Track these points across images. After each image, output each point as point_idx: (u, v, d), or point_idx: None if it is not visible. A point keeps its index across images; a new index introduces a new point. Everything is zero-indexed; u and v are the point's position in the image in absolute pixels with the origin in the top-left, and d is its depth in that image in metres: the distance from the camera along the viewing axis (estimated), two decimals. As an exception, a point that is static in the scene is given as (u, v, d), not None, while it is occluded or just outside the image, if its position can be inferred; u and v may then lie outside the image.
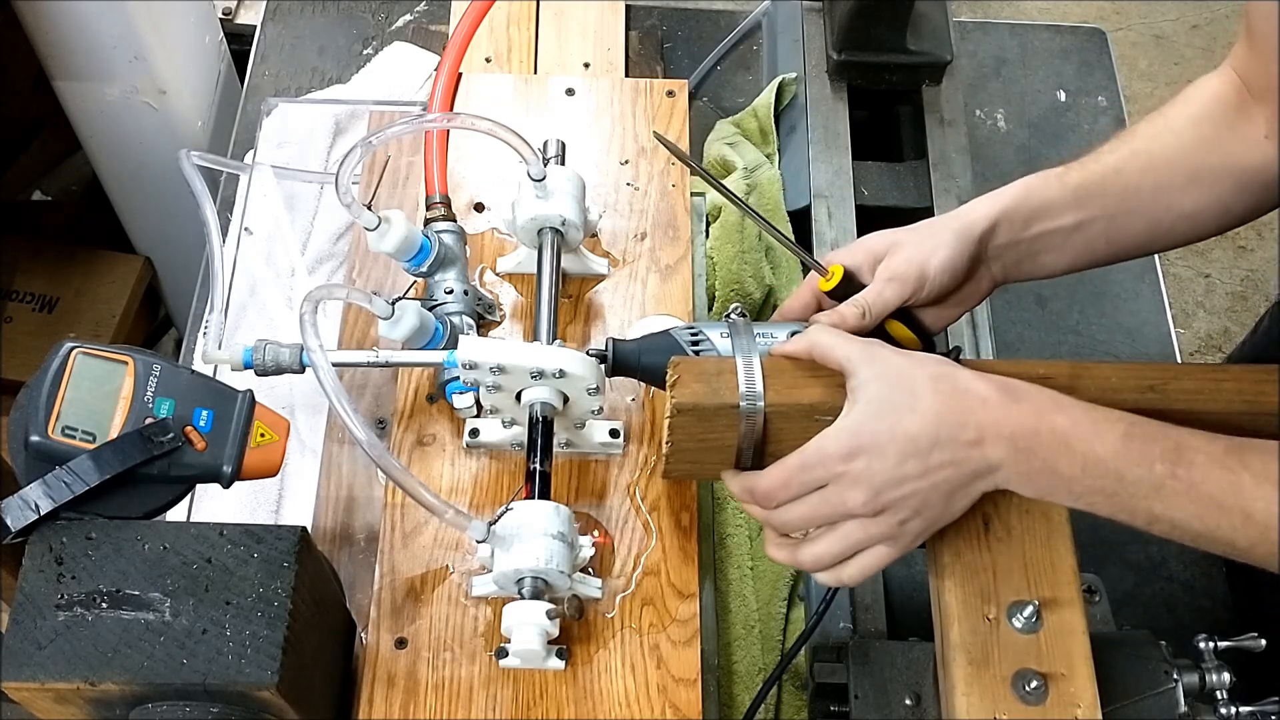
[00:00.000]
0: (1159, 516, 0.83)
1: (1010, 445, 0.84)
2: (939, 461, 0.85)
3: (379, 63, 1.59)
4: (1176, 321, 1.74)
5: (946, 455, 0.85)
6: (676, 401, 0.91)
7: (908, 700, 1.02)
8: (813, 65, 1.49)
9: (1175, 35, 3.13)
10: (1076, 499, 0.85)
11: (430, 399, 1.13)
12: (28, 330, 1.98)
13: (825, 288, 1.00)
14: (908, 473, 0.85)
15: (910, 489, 0.85)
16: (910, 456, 0.85)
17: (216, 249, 1.16)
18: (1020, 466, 0.85)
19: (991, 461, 0.85)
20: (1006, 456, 0.84)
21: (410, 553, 1.04)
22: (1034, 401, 0.86)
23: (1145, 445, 0.83)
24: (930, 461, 0.85)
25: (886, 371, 0.87)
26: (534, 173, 1.08)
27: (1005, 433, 0.84)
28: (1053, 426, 0.84)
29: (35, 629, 0.81)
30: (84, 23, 1.60)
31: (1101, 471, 0.83)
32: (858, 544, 0.89)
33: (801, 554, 0.91)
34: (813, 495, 0.88)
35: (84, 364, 0.89)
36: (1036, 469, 0.85)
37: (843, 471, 0.86)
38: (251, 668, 0.81)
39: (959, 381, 0.86)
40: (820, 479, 0.87)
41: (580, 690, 0.98)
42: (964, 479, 0.86)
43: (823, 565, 0.90)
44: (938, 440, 0.84)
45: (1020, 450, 0.84)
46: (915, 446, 0.84)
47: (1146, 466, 0.82)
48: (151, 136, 1.76)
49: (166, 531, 0.86)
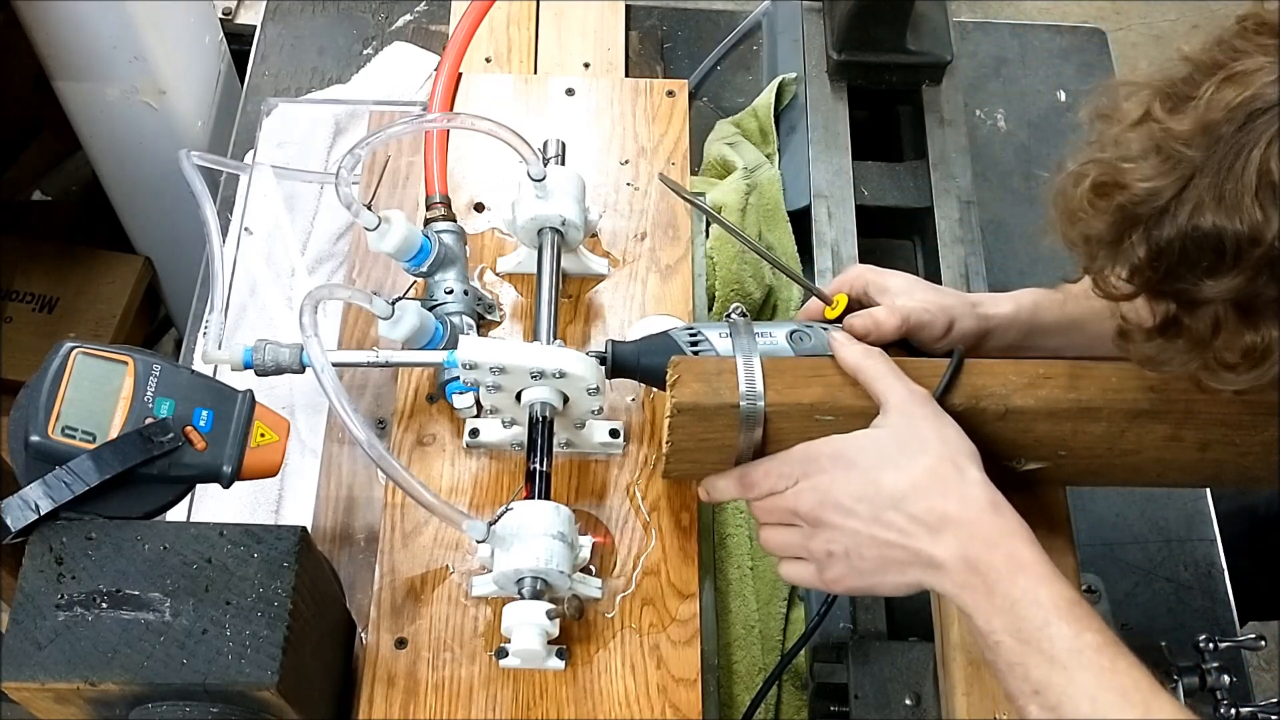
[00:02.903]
0: (1051, 688, 0.77)
1: (961, 551, 0.82)
2: (889, 521, 0.84)
3: (379, 63, 1.59)
4: (1177, 321, 1.74)
5: (900, 519, 0.84)
6: (676, 401, 0.91)
7: (908, 700, 1.02)
8: (813, 65, 1.49)
9: (1175, 35, 3.12)
10: (989, 632, 0.80)
11: (430, 399, 1.12)
12: (28, 330, 1.98)
13: (830, 316, 1.04)
14: (857, 510, 0.85)
15: (851, 526, 0.86)
16: (867, 500, 0.85)
17: (216, 249, 1.16)
18: (959, 577, 0.82)
19: (936, 556, 0.83)
20: (950, 559, 0.82)
21: (410, 553, 1.04)
22: (1009, 522, 0.83)
23: (1088, 616, 0.79)
24: (882, 516, 0.84)
25: (908, 426, 0.87)
26: (534, 173, 1.08)
27: (964, 536, 0.82)
28: (1013, 552, 0.82)
29: (35, 629, 0.81)
30: (84, 23, 1.60)
31: (1030, 615, 0.79)
32: (792, 549, 0.91)
33: (760, 534, 0.93)
34: (778, 494, 0.90)
35: (84, 364, 0.89)
36: (973, 585, 0.81)
37: (812, 474, 0.88)
38: (251, 668, 0.81)
39: (963, 474, 0.85)
40: (793, 475, 0.89)
41: (580, 690, 0.98)
42: (904, 556, 0.84)
43: (769, 551, 0.93)
44: (899, 502, 0.84)
45: (968, 560, 0.82)
46: (877, 495, 0.85)
47: (1077, 630, 0.78)
48: (151, 136, 1.76)
49: (166, 531, 0.86)
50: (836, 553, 0.87)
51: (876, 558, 0.85)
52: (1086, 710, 0.76)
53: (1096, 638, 0.78)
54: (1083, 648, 0.77)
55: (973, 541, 0.82)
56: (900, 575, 0.86)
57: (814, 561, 0.89)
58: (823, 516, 0.87)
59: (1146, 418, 0.91)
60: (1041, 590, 0.80)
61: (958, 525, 0.83)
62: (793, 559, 0.91)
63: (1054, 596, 0.79)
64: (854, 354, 0.92)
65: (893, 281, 1.04)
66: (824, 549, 0.88)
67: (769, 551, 0.93)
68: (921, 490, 0.84)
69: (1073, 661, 0.77)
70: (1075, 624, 0.78)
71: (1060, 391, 0.91)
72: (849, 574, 0.88)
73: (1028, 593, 0.80)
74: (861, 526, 0.85)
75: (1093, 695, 0.76)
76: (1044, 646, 0.78)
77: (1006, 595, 0.80)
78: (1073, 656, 0.77)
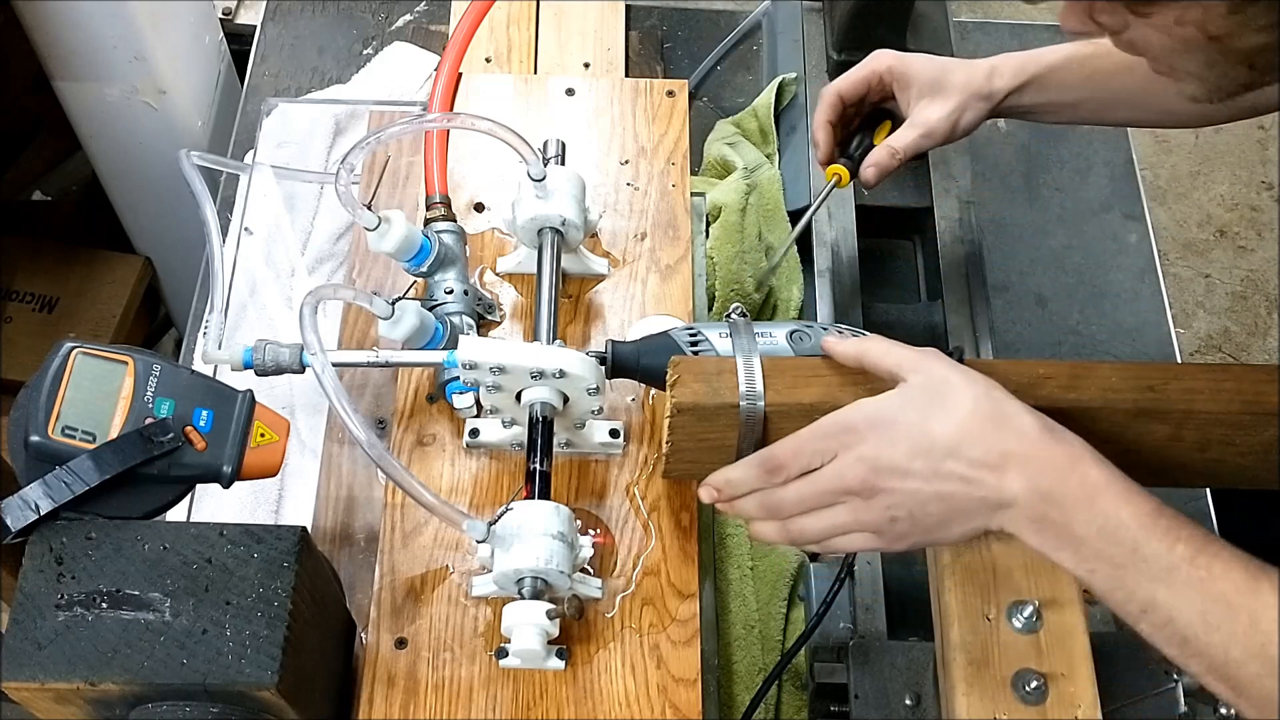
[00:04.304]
0: (1158, 606, 0.77)
1: (1031, 483, 0.80)
2: (950, 471, 0.82)
3: (379, 63, 1.59)
4: (1176, 321, 1.75)
5: (960, 468, 0.82)
6: (676, 401, 0.91)
7: (908, 700, 1.02)
8: (813, 65, 1.49)
9: (1175, 35, 3.12)
10: (1079, 563, 0.80)
11: (430, 399, 1.13)
12: (28, 330, 1.98)
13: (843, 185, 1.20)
14: (915, 468, 0.83)
15: (911, 486, 0.83)
16: (921, 455, 0.82)
17: (216, 249, 1.16)
18: (1034, 511, 0.81)
19: (1006, 495, 0.81)
20: (1023, 495, 0.80)
21: (410, 553, 1.04)
22: (1072, 447, 0.82)
23: (1173, 524, 0.78)
24: (941, 468, 0.82)
25: (934, 376, 0.85)
26: (534, 173, 1.08)
27: (1032, 469, 0.80)
28: (1085, 476, 0.80)
29: (35, 629, 0.81)
30: (84, 23, 1.60)
31: (1119, 539, 0.78)
32: (844, 527, 0.87)
33: (791, 527, 0.89)
34: (814, 473, 0.87)
35: (84, 364, 0.89)
36: (1050, 519, 0.80)
37: (852, 444, 0.84)
38: (251, 668, 0.81)
39: (1004, 406, 0.83)
40: (829, 450, 0.86)
41: (580, 690, 0.98)
42: (971, 503, 0.82)
43: (808, 540, 0.90)
44: (955, 449, 0.82)
45: (1040, 493, 0.80)
46: (932, 447, 0.82)
47: (1168, 544, 0.77)
48: (151, 136, 1.76)
49: (166, 531, 0.86)
50: (900, 516, 0.84)
51: (942, 511, 0.83)
52: (1198, 625, 0.76)
53: (1188, 548, 0.77)
54: (1178, 562, 0.77)
55: (1041, 474, 0.80)
56: (967, 523, 0.84)
57: (871, 531, 0.86)
58: (878, 484, 0.84)
59: (1146, 418, 0.91)
60: (1124, 510, 0.79)
61: (1021, 460, 0.81)
62: (842, 535, 0.88)
63: (1137, 514, 0.78)
64: (850, 346, 0.91)
65: (914, 72, 1.16)
66: (885, 516, 0.85)
67: (807, 541, 0.90)
68: (974, 433, 0.82)
69: (1172, 578, 0.76)
70: (1165, 537, 0.77)
71: (1060, 392, 0.91)
72: (911, 532, 0.85)
73: (1110, 516, 0.78)
74: (922, 484, 0.83)
75: (1201, 609, 0.76)
76: (1140, 568, 0.77)
77: (1089, 523, 0.79)
78: (1171, 574, 0.77)
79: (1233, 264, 2.86)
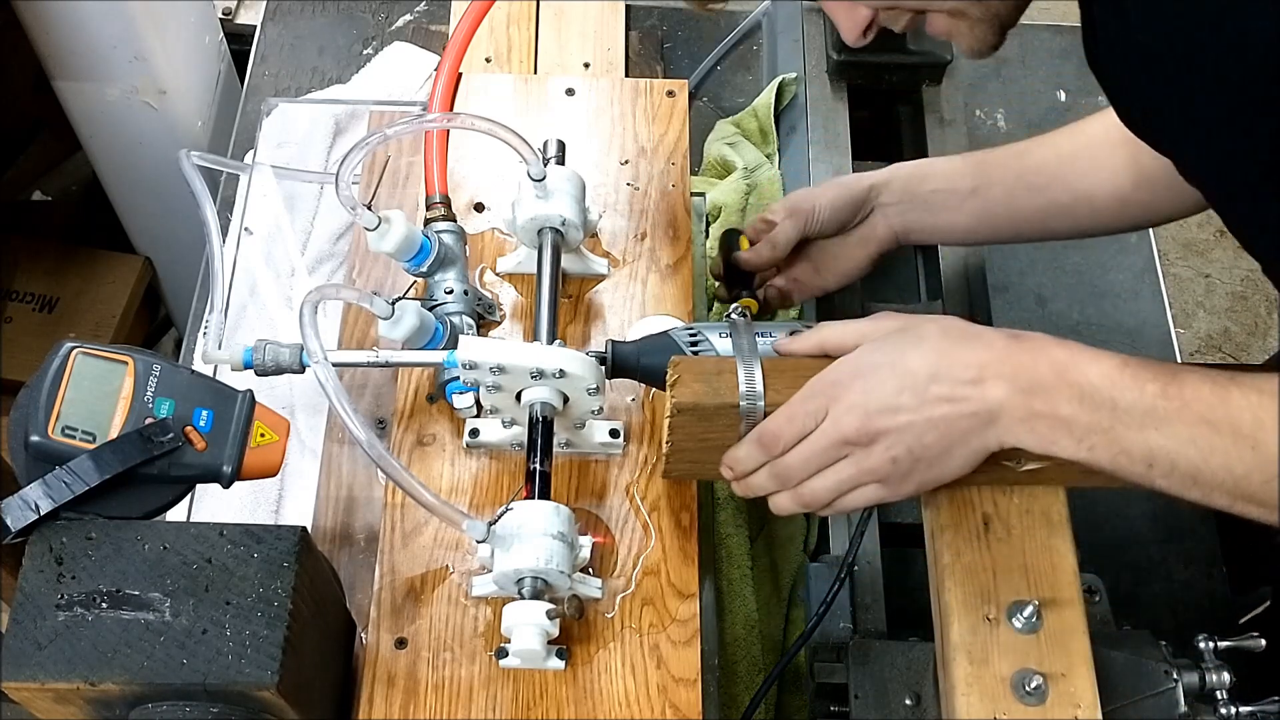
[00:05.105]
0: (1156, 453, 0.81)
1: (1011, 384, 0.84)
2: (936, 395, 0.85)
3: (379, 63, 1.59)
4: (1176, 321, 1.74)
5: (944, 390, 0.85)
6: (676, 401, 0.91)
7: (908, 700, 1.02)
8: (813, 65, 1.49)
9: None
10: (1077, 445, 0.83)
11: (430, 399, 1.12)
12: (28, 330, 1.99)
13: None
14: (903, 403, 0.86)
15: (904, 420, 0.86)
16: (907, 388, 0.86)
17: (216, 249, 1.16)
18: (1021, 409, 0.84)
19: (992, 403, 0.84)
20: (1006, 397, 0.84)
21: (410, 553, 1.04)
22: (1035, 339, 0.86)
23: (1139, 370, 0.83)
24: (927, 394, 0.85)
25: (894, 325, 0.90)
26: (534, 173, 1.08)
27: (1006, 371, 0.84)
28: (1052, 358, 0.84)
29: (35, 629, 0.81)
30: (84, 23, 1.60)
31: (1097, 401, 0.82)
32: (851, 480, 0.90)
33: (803, 491, 0.92)
34: (812, 433, 0.89)
35: (84, 364, 0.89)
36: (1038, 411, 0.84)
37: (839, 396, 0.88)
38: (251, 668, 0.81)
39: (967, 328, 0.89)
40: (820, 409, 0.88)
41: (580, 690, 0.98)
42: (963, 421, 0.85)
43: (820, 502, 0.92)
44: (936, 374, 0.85)
45: (1021, 390, 0.84)
46: (914, 378, 0.86)
47: (1138, 389, 0.81)
48: (151, 136, 1.76)
49: (166, 531, 0.86)
50: (900, 455, 0.87)
51: (938, 438, 0.86)
52: (1195, 457, 0.79)
53: (1155, 384, 0.81)
54: (1152, 401, 0.81)
55: (1016, 373, 0.84)
56: (966, 446, 0.87)
57: (878, 480, 0.89)
58: (873, 426, 0.86)
59: (1146, 418, 0.91)
60: (1091, 372, 0.82)
61: (995, 364, 0.85)
62: (851, 490, 0.91)
63: (1104, 372, 0.82)
64: (808, 341, 0.95)
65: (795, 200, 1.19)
66: (885, 458, 0.87)
67: (820, 503, 0.92)
68: (948, 355, 0.86)
69: (1155, 419, 0.80)
70: (1133, 383, 0.81)
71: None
72: (916, 468, 0.88)
73: (1083, 384, 0.82)
74: (914, 415, 0.86)
75: (1190, 438, 0.79)
76: (1126, 420, 0.81)
77: (1069, 399, 0.82)
78: (1151, 415, 0.80)
79: (1233, 264, 2.85)
